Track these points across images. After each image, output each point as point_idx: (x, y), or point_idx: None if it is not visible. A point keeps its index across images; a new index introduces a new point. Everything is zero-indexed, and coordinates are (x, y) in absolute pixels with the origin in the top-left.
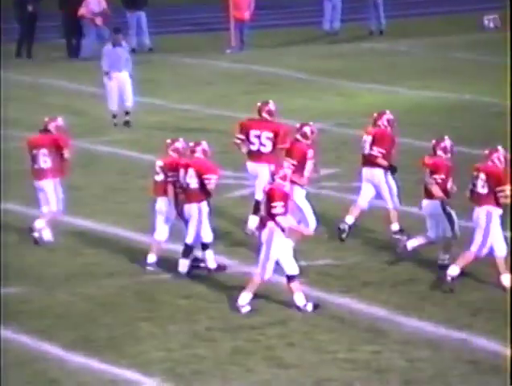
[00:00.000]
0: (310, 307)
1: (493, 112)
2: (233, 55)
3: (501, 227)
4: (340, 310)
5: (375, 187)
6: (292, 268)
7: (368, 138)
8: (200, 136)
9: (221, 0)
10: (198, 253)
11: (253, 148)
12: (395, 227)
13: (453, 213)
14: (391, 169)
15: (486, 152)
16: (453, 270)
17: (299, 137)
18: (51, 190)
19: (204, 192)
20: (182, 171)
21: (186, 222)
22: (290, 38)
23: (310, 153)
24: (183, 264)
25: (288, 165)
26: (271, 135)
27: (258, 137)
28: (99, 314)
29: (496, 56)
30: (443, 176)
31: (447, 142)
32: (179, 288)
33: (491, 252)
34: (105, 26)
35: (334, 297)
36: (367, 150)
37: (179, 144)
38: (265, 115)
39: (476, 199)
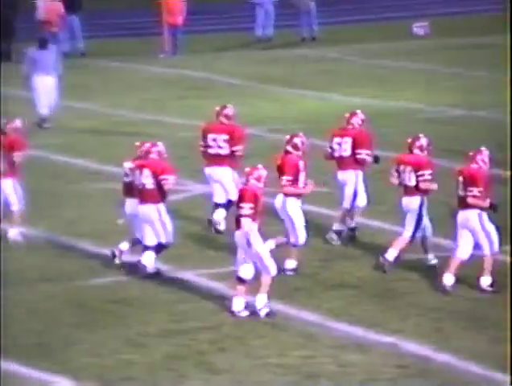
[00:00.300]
0: (245, 314)
1: (421, 119)
2: (166, 59)
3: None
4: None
5: (344, 188)
6: (246, 272)
7: (347, 140)
8: (133, 140)
9: (154, 5)
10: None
11: (212, 151)
12: (337, 227)
13: (425, 215)
14: (375, 159)
15: (470, 154)
16: (486, 280)
17: (289, 148)
18: (10, 191)
19: (160, 193)
20: (137, 172)
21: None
22: (223, 43)
23: (301, 165)
24: (150, 258)
25: (284, 182)
26: (227, 137)
27: (215, 140)
28: (29, 320)
29: (425, 63)
30: (430, 171)
31: (422, 140)
32: (110, 293)
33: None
34: (61, 30)
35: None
36: (347, 152)
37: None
38: (222, 119)
39: (461, 202)
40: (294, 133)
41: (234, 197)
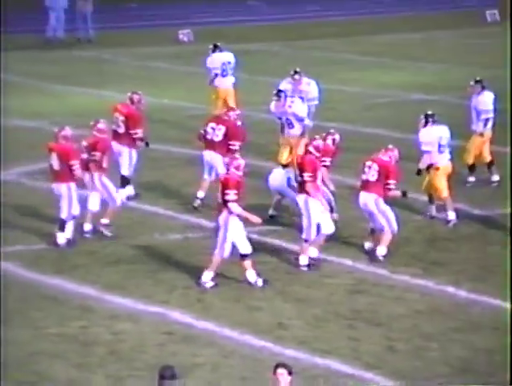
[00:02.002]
0: (260, 282)
1: (187, 115)
2: None
3: None
4: (52, 289)
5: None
6: (245, 247)
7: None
8: None
9: None
10: None
11: (113, 128)
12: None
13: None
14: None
15: (383, 149)
16: (381, 250)
17: (311, 149)
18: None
19: (69, 174)
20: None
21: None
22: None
23: (318, 165)
24: (61, 237)
25: (305, 177)
26: (124, 118)
27: (117, 118)
28: None
29: (188, 66)
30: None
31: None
32: None
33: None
34: None
35: (47, 277)
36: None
37: (102, 125)
38: (128, 101)
39: (365, 185)
40: (312, 138)
41: (124, 171)
